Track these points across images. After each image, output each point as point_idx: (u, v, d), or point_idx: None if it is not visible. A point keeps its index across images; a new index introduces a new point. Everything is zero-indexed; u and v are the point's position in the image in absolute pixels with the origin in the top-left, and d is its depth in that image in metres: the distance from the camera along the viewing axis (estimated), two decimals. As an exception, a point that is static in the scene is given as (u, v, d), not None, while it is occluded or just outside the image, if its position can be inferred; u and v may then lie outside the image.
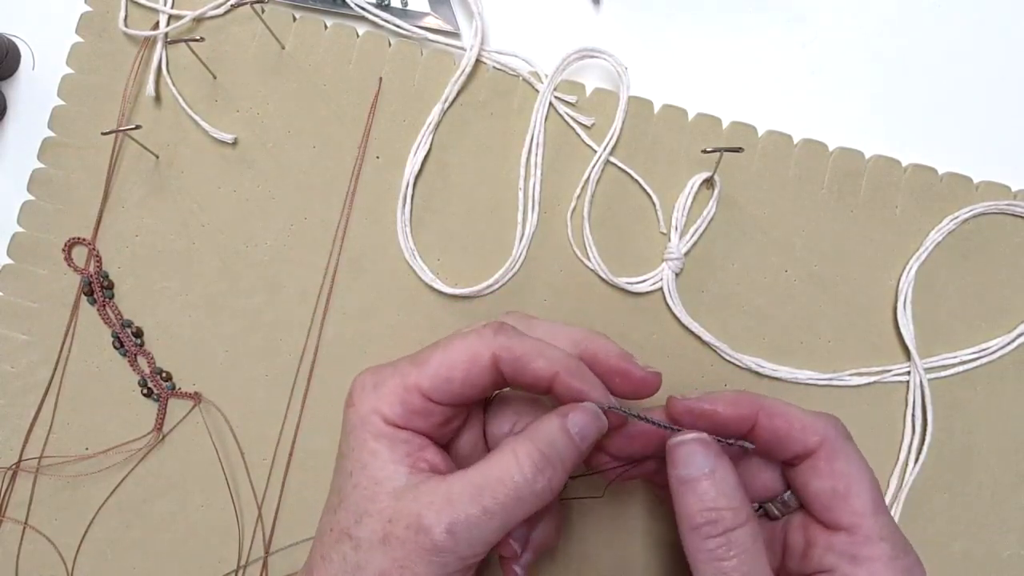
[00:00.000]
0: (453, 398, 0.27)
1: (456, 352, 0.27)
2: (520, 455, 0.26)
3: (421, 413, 0.27)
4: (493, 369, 0.27)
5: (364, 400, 0.28)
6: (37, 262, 0.37)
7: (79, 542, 0.36)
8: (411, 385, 0.27)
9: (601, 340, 0.29)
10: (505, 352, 0.27)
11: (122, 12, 0.37)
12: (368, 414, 0.27)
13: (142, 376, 0.37)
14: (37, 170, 0.37)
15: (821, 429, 0.27)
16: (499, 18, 0.38)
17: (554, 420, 0.27)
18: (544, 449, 0.26)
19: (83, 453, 0.36)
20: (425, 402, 0.27)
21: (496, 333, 0.27)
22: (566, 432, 0.27)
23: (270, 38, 0.37)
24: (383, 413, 0.27)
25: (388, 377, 0.28)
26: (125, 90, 0.37)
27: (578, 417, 0.27)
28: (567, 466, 0.27)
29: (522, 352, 0.27)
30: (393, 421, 0.27)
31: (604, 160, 0.36)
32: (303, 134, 0.37)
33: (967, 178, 0.37)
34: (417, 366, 0.27)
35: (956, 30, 0.38)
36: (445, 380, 0.27)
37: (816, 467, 0.27)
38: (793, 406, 0.28)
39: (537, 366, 0.27)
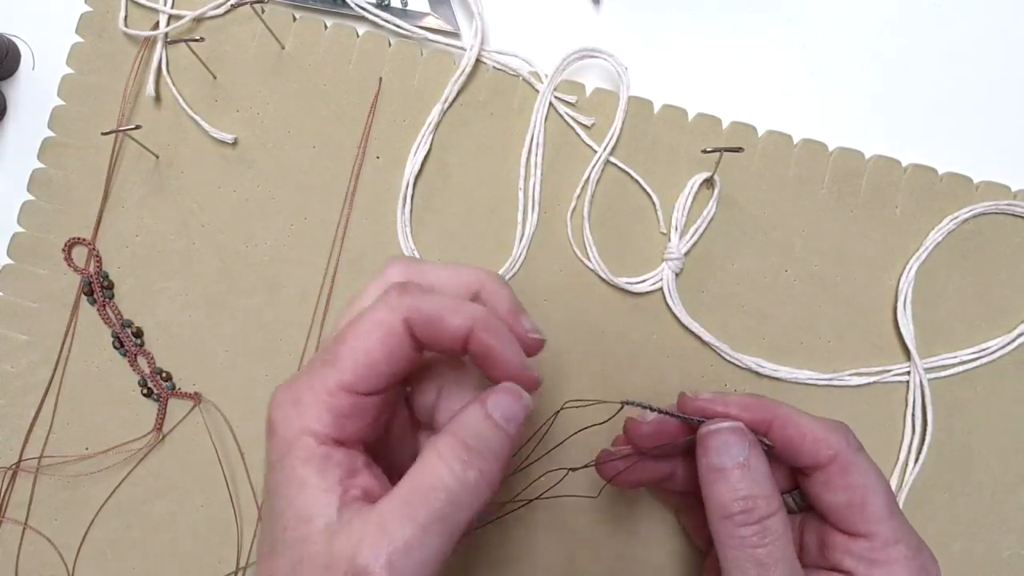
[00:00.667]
0: (381, 382, 0.25)
1: (368, 331, 0.25)
2: (444, 453, 0.24)
3: (353, 414, 0.25)
4: (408, 335, 0.25)
5: (287, 422, 0.24)
6: (37, 262, 0.37)
7: (79, 542, 0.36)
8: (333, 386, 0.24)
9: (493, 285, 0.27)
10: (415, 314, 0.25)
11: (122, 12, 0.37)
12: (296, 437, 0.24)
13: (142, 376, 0.37)
14: (37, 170, 0.37)
15: (834, 443, 0.27)
16: (499, 18, 0.38)
17: (474, 408, 0.25)
18: (469, 441, 0.24)
19: (83, 453, 0.36)
20: (354, 399, 0.24)
21: (401, 295, 0.25)
22: (489, 419, 0.25)
23: (270, 38, 0.37)
24: (313, 430, 0.24)
25: (306, 387, 0.25)
26: (125, 90, 0.37)
27: (499, 400, 0.25)
28: (500, 455, 0.25)
29: (432, 310, 0.25)
30: (326, 436, 0.24)
31: (604, 160, 0.36)
32: (303, 134, 0.37)
33: (967, 178, 0.37)
34: (333, 364, 0.25)
35: (956, 30, 0.38)
36: (367, 367, 0.24)
37: (829, 481, 0.27)
38: (805, 415, 0.28)
39: (451, 323, 0.25)
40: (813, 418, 0.28)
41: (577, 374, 0.36)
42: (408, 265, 0.27)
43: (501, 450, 0.25)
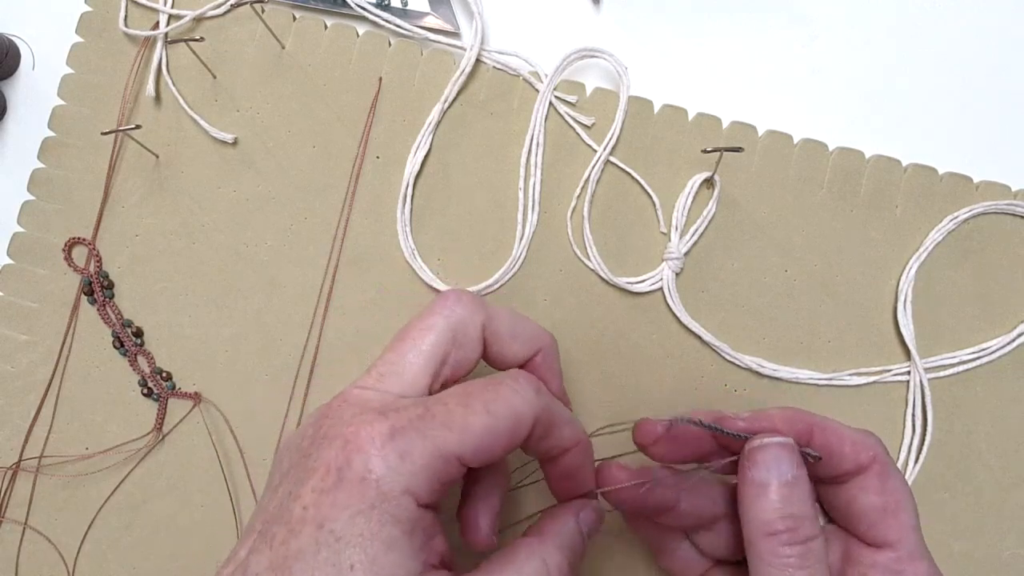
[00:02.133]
0: (489, 462, 0.24)
1: (502, 418, 0.24)
2: (551, 566, 0.25)
3: (451, 484, 0.24)
4: (529, 431, 0.25)
5: (392, 475, 0.22)
6: (37, 262, 0.37)
7: (79, 542, 0.36)
8: (450, 455, 0.23)
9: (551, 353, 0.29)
10: (544, 415, 0.25)
11: (122, 12, 0.37)
12: (398, 495, 0.22)
13: (142, 376, 0.37)
14: (37, 170, 0.37)
15: (871, 446, 0.27)
16: (499, 18, 0.38)
17: (571, 521, 0.27)
18: (570, 558, 0.26)
19: (83, 453, 0.36)
20: (460, 469, 0.23)
21: (537, 392, 0.25)
22: (580, 533, 0.27)
23: (270, 38, 0.37)
24: (417, 493, 0.22)
25: (417, 442, 0.23)
26: (125, 90, 0.37)
27: (591, 517, 0.28)
28: (577, 564, 0.26)
29: (555, 418, 0.26)
30: (427, 502, 0.23)
31: (604, 160, 0.36)
32: (303, 134, 0.37)
33: (967, 178, 0.37)
34: (457, 432, 0.23)
35: (956, 30, 0.38)
36: (488, 450, 0.23)
37: (867, 485, 0.27)
38: (838, 422, 0.27)
39: (563, 434, 0.26)
40: (845, 425, 0.27)
41: (577, 374, 0.36)
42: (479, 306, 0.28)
43: (579, 562, 0.27)
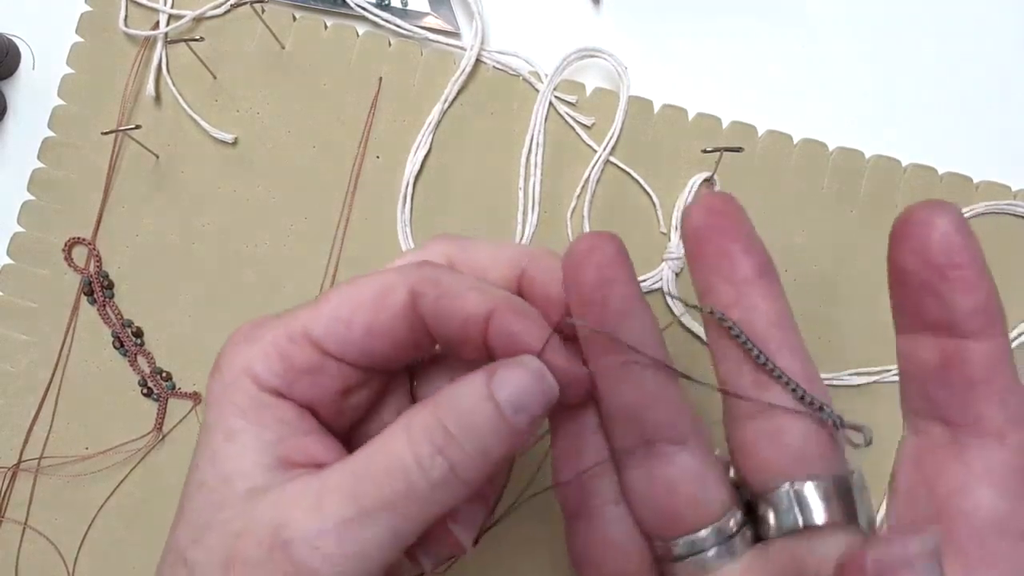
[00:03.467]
0: (355, 351, 0.20)
1: (362, 287, 0.20)
2: (414, 431, 0.19)
3: (309, 372, 0.20)
4: (410, 312, 0.20)
5: (233, 358, 0.20)
6: (37, 262, 0.37)
7: (79, 542, 0.36)
8: (297, 331, 0.20)
9: (545, 260, 0.22)
10: (427, 286, 0.20)
11: (122, 12, 0.37)
12: (235, 377, 0.20)
13: (142, 376, 0.37)
14: (37, 170, 0.37)
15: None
16: (499, 18, 0.38)
17: (474, 380, 0.19)
18: (450, 422, 0.18)
19: (83, 453, 0.36)
20: (316, 355, 0.20)
21: (419, 266, 0.21)
22: (488, 401, 0.19)
23: (270, 38, 0.37)
24: (255, 373, 0.20)
25: (269, 325, 0.21)
26: (125, 90, 0.37)
27: (510, 377, 0.19)
28: (490, 452, 0.19)
29: (447, 284, 0.20)
30: (269, 384, 0.20)
31: (604, 160, 0.36)
32: (303, 134, 0.37)
33: (967, 178, 0.37)
34: (310, 307, 0.20)
35: (956, 30, 0.38)
36: (344, 323, 0.20)
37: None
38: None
39: (468, 299, 0.20)
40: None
41: (577, 374, 0.36)
42: (452, 240, 0.23)
43: (494, 447, 0.19)
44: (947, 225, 0.17)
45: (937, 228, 0.17)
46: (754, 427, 0.19)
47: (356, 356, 0.20)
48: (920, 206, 0.17)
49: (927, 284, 0.17)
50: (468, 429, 0.19)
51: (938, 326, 0.17)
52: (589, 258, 0.19)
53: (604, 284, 0.19)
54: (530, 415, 0.19)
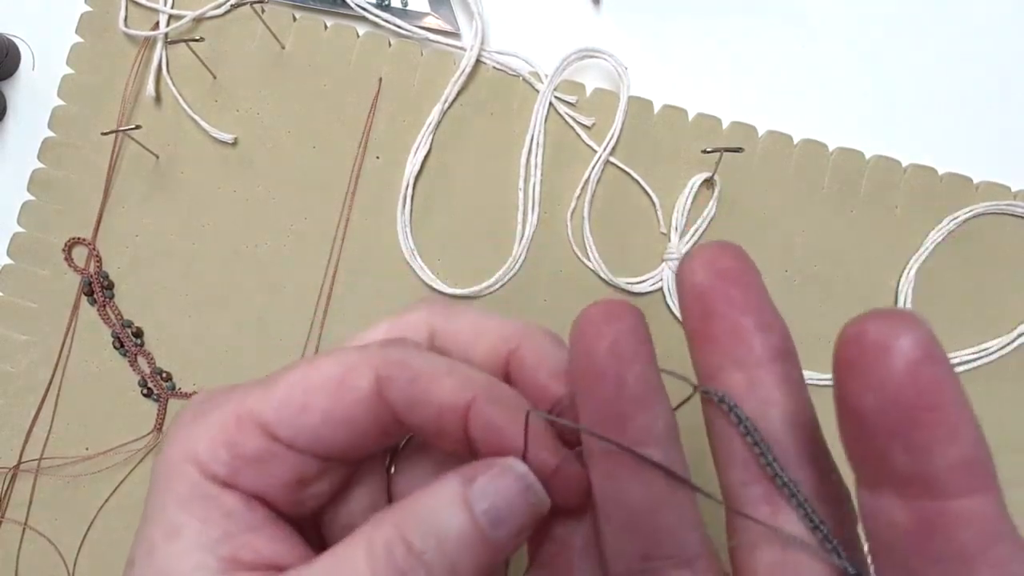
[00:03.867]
0: (311, 439, 0.18)
1: (321, 368, 0.18)
2: (376, 546, 0.16)
3: (258, 461, 0.18)
4: (375, 398, 0.17)
5: (177, 439, 0.18)
6: (37, 262, 0.37)
7: (79, 542, 0.36)
8: (245, 414, 0.18)
9: (538, 338, 0.19)
10: (396, 370, 0.17)
11: (122, 12, 0.37)
12: (177, 463, 0.18)
13: (142, 376, 0.37)
14: (37, 170, 0.37)
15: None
16: (499, 18, 0.38)
17: (446, 487, 0.17)
18: (416, 537, 0.16)
19: (83, 453, 0.36)
20: (265, 441, 0.18)
21: (384, 346, 0.18)
22: (463, 509, 0.16)
23: (270, 38, 0.37)
24: (199, 459, 0.17)
25: (220, 402, 0.18)
26: (125, 90, 0.37)
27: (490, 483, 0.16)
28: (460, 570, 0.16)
29: (420, 369, 0.18)
30: (213, 472, 0.17)
31: (604, 160, 0.36)
32: (303, 134, 0.37)
33: (967, 178, 0.37)
34: (262, 387, 0.18)
35: (956, 30, 0.38)
36: (298, 409, 0.17)
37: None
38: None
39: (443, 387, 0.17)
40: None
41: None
42: (435, 307, 0.20)
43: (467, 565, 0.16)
44: (914, 349, 0.12)
45: (901, 355, 0.12)
46: (766, 559, 0.16)
47: (311, 445, 0.18)
48: (873, 320, 0.13)
49: (895, 433, 0.13)
50: (436, 545, 0.16)
51: (912, 485, 0.13)
52: (605, 328, 0.16)
53: (621, 361, 0.16)
54: (512, 529, 0.16)
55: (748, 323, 0.16)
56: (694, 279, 0.16)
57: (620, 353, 0.16)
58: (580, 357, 0.16)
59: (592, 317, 0.16)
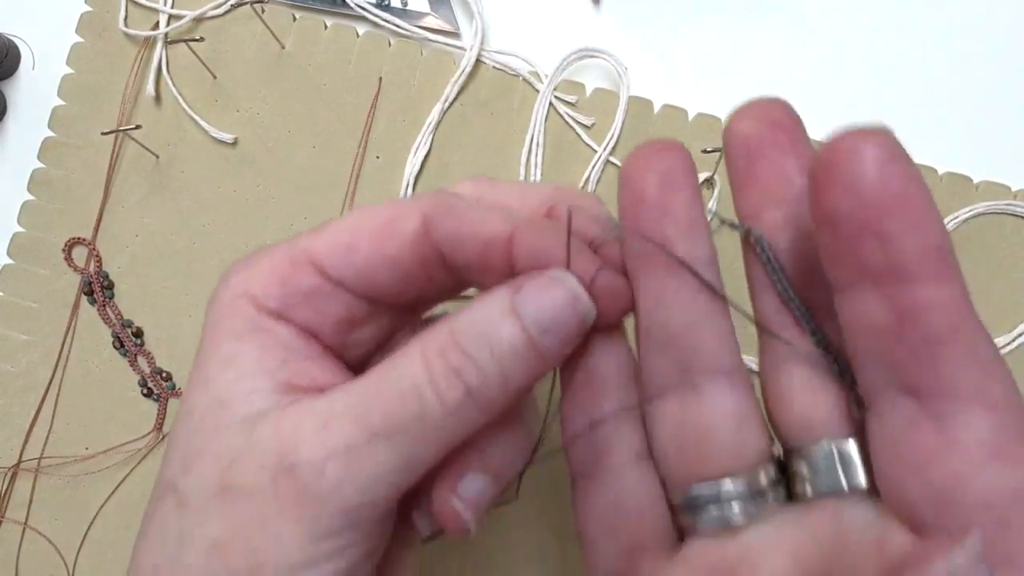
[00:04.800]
0: (358, 277, 0.19)
1: (372, 213, 0.19)
2: (430, 353, 0.17)
3: (310, 297, 0.19)
4: (422, 239, 0.18)
5: (232, 281, 0.19)
6: (37, 262, 0.37)
7: (79, 542, 0.36)
8: (299, 255, 0.19)
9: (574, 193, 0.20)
10: (441, 211, 0.18)
11: (122, 12, 0.37)
12: (232, 301, 0.19)
13: (142, 376, 0.37)
14: (37, 170, 0.37)
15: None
16: (499, 18, 0.38)
17: (496, 297, 0.17)
18: (468, 342, 0.17)
19: (83, 453, 0.36)
20: (317, 278, 0.19)
21: (432, 194, 0.19)
22: (512, 319, 0.17)
23: (270, 38, 0.37)
24: (252, 295, 0.18)
25: (268, 251, 0.19)
26: (125, 90, 0.37)
27: (536, 294, 0.17)
28: (511, 377, 0.17)
29: (462, 207, 0.18)
30: (267, 306, 0.18)
31: (604, 160, 0.36)
32: (303, 134, 0.37)
33: (967, 178, 0.37)
34: (313, 233, 0.19)
35: (956, 30, 0.38)
36: (348, 247, 0.18)
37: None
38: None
39: (486, 220, 0.18)
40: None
41: (577, 374, 0.36)
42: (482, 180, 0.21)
43: (516, 371, 0.17)
44: (881, 153, 0.14)
45: (869, 158, 0.14)
46: (796, 373, 0.17)
47: (359, 283, 0.19)
48: (845, 135, 0.15)
49: (865, 226, 0.14)
50: (487, 351, 0.17)
51: (884, 275, 0.14)
52: (655, 162, 0.17)
53: (669, 190, 0.17)
54: (560, 337, 0.17)
55: (791, 165, 0.17)
56: (742, 128, 0.17)
57: (668, 183, 0.17)
58: (630, 186, 0.17)
59: (643, 151, 0.17)
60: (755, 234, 0.17)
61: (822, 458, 0.16)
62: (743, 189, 0.18)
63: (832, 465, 0.16)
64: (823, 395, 0.17)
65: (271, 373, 0.18)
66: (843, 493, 0.16)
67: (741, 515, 0.17)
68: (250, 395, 0.18)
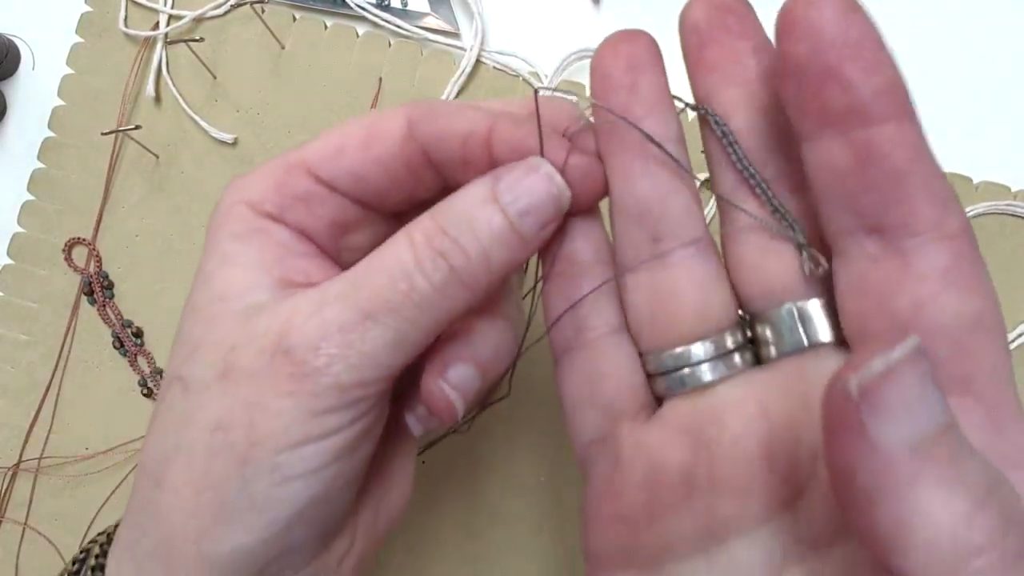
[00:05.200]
0: (349, 178, 0.20)
1: (360, 121, 0.20)
2: (416, 236, 0.18)
3: (304, 199, 0.20)
4: (406, 140, 0.19)
5: (232, 189, 0.20)
6: (37, 262, 0.37)
7: (79, 542, 0.36)
8: (293, 162, 0.20)
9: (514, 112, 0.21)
10: (423, 111, 0.19)
11: (122, 12, 0.37)
12: (230, 207, 0.20)
13: (142, 376, 0.37)
14: (37, 170, 0.37)
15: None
16: (499, 18, 0.38)
17: (477, 185, 0.19)
18: (451, 227, 0.18)
19: (83, 453, 0.36)
20: (310, 182, 0.20)
21: (414, 101, 0.20)
22: (492, 203, 0.18)
23: (270, 38, 0.37)
24: (249, 199, 0.20)
25: (263, 165, 0.21)
26: (125, 90, 0.37)
27: (516, 179, 0.18)
28: (494, 259, 0.18)
29: (443, 106, 0.20)
30: (264, 209, 0.20)
31: (604, 160, 0.36)
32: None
33: (967, 178, 0.37)
34: (306, 144, 0.20)
35: (956, 30, 0.38)
36: (336, 151, 0.20)
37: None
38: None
39: (466, 117, 0.19)
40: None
41: (577, 374, 0.36)
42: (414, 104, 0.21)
43: (498, 253, 0.18)
44: (839, 3, 0.15)
45: (825, 7, 0.15)
46: (755, 242, 0.18)
47: (350, 185, 0.20)
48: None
49: (825, 70, 0.15)
50: (471, 233, 0.18)
51: (844, 117, 0.15)
52: (621, 47, 0.18)
53: (635, 70, 0.18)
54: (538, 219, 0.18)
55: (743, 47, 0.18)
56: (694, 16, 0.18)
57: (634, 64, 0.18)
58: (600, 69, 0.19)
59: (611, 38, 0.19)
60: (711, 113, 0.18)
61: (783, 319, 0.17)
62: (698, 72, 0.18)
63: (793, 325, 0.17)
64: (781, 261, 0.18)
65: (268, 269, 0.19)
66: (806, 351, 0.17)
67: (710, 375, 0.18)
68: (249, 289, 0.19)
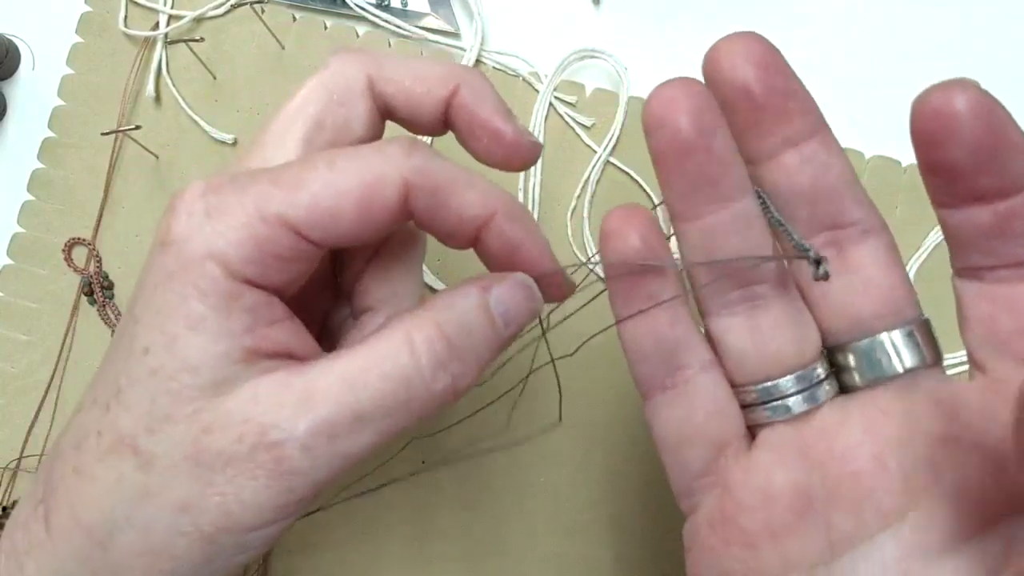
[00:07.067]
0: (338, 240, 0.19)
1: (350, 175, 0.18)
2: (417, 342, 0.19)
3: (286, 260, 0.18)
4: (401, 207, 0.19)
5: (194, 232, 0.18)
6: (37, 262, 0.37)
7: (79, 542, 0.36)
8: (274, 215, 0.18)
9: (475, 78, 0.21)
10: (421, 178, 0.19)
11: (122, 12, 0.37)
12: (198, 260, 0.18)
13: (142, 376, 0.37)
14: (37, 170, 0.37)
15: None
16: (499, 18, 0.38)
17: (471, 295, 0.20)
18: (453, 335, 0.19)
19: (83, 453, 0.36)
20: (295, 243, 0.18)
21: (409, 153, 0.19)
22: (486, 314, 0.20)
23: (270, 38, 0.37)
24: (225, 260, 0.18)
25: (234, 199, 0.18)
26: (125, 90, 0.37)
27: (507, 294, 0.20)
28: (482, 362, 0.20)
29: (445, 180, 0.19)
30: (241, 273, 0.18)
31: (604, 160, 0.36)
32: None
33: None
34: (285, 188, 0.18)
35: (956, 30, 0.38)
36: (330, 214, 0.18)
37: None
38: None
39: (466, 200, 0.19)
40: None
41: (577, 373, 0.36)
42: (363, 56, 0.21)
43: (486, 357, 0.20)
44: (975, 101, 0.18)
45: (959, 102, 0.19)
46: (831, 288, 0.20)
47: (336, 243, 0.19)
48: (931, 89, 0.18)
49: (980, 168, 0.18)
50: (468, 339, 0.19)
51: (994, 194, 0.18)
52: (682, 103, 0.19)
53: (706, 133, 0.19)
54: (517, 327, 0.21)
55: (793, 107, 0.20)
56: (735, 72, 0.20)
57: (703, 125, 0.18)
58: (664, 133, 0.19)
59: (666, 94, 0.19)
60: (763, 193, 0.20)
61: (874, 348, 0.20)
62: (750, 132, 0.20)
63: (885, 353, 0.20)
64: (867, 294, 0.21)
65: (237, 340, 0.18)
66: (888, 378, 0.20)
67: (805, 404, 0.20)
68: (219, 360, 0.18)
